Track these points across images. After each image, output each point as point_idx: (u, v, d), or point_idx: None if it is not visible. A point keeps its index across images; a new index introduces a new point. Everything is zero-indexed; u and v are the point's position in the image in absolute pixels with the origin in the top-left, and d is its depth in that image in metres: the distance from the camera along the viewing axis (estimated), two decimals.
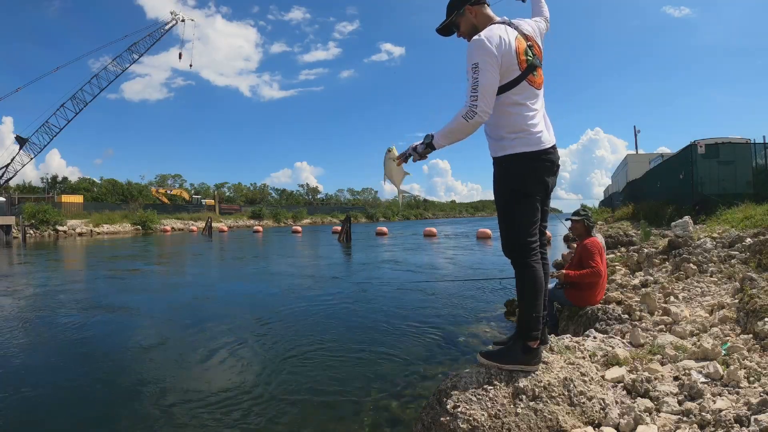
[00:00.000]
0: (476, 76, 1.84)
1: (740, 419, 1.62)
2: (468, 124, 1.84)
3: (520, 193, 1.97)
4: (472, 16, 2.06)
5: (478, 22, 2.05)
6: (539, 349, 2.00)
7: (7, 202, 26.56)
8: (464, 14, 2.06)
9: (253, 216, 55.32)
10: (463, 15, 2.06)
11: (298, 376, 3.57)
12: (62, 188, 52.19)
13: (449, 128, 1.90)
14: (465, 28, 2.08)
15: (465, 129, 1.86)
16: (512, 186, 1.99)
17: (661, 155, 20.57)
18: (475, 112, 1.81)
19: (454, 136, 1.91)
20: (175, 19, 42.07)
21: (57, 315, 5.89)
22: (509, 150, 1.97)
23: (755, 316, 2.60)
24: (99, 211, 39.86)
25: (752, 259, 4.03)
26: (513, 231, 1.99)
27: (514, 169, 1.98)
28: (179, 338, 4.78)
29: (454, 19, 2.08)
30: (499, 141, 2.00)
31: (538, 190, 1.99)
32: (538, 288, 1.96)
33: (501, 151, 2.00)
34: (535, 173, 1.97)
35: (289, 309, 6.13)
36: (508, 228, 2.01)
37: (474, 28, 2.04)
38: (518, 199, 1.98)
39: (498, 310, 5.68)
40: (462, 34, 2.12)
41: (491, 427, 1.75)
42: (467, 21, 2.07)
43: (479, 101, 1.82)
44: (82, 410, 3.04)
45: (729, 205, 8.43)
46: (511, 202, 2.00)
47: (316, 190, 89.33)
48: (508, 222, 2.01)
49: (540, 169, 1.98)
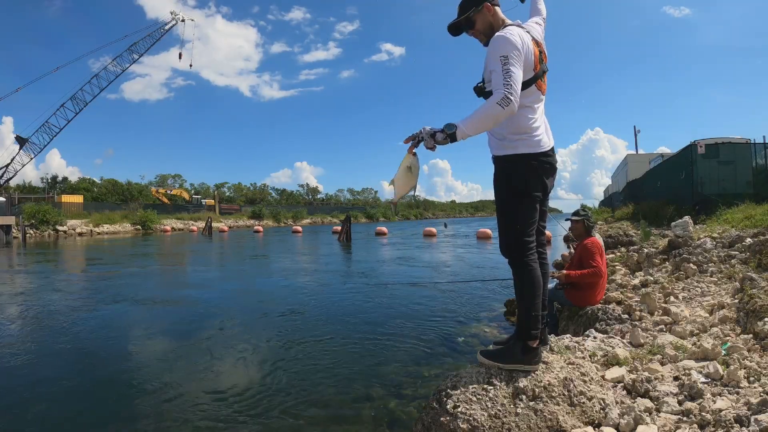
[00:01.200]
0: (507, 67, 1.80)
1: (740, 419, 1.61)
2: (503, 111, 1.77)
3: (520, 193, 1.98)
4: (490, 14, 2.03)
5: (494, 21, 2.04)
6: (539, 349, 2.00)
7: (7, 202, 26.52)
8: (482, 11, 2.02)
9: (253, 216, 55.30)
10: (480, 12, 2.02)
11: (297, 376, 3.57)
12: (62, 188, 52.22)
13: (480, 116, 1.81)
14: (481, 25, 2.05)
15: (498, 117, 1.79)
16: (513, 185, 1.99)
17: (661, 155, 20.55)
18: (511, 100, 1.76)
19: (484, 124, 1.83)
20: (175, 19, 42.07)
21: (67, 315, 5.90)
22: (510, 150, 1.98)
23: (755, 316, 2.60)
24: (99, 211, 39.86)
25: (752, 259, 4.03)
26: (512, 230, 1.99)
27: (514, 168, 1.99)
28: (179, 338, 4.78)
29: (471, 15, 2.03)
30: (501, 140, 2.01)
31: (538, 190, 2.00)
32: (536, 287, 1.97)
33: (503, 150, 2.01)
34: (534, 173, 1.98)
35: (288, 309, 6.13)
36: (507, 226, 2.01)
37: (490, 26, 2.03)
38: (519, 198, 1.99)
39: (498, 310, 5.68)
40: (475, 33, 2.08)
41: (491, 427, 1.75)
42: (484, 19, 2.04)
43: (513, 89, 1.77)
44: (82, 410, 3.04)
45: (729, 205, 8.42)
46: (510, 201, 2.01)
47: (316, 190, 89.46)
48: (508, 220, 2.01)
49: (539, 170, 1.99)
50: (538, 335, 1.99)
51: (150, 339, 4.81)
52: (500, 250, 2.07)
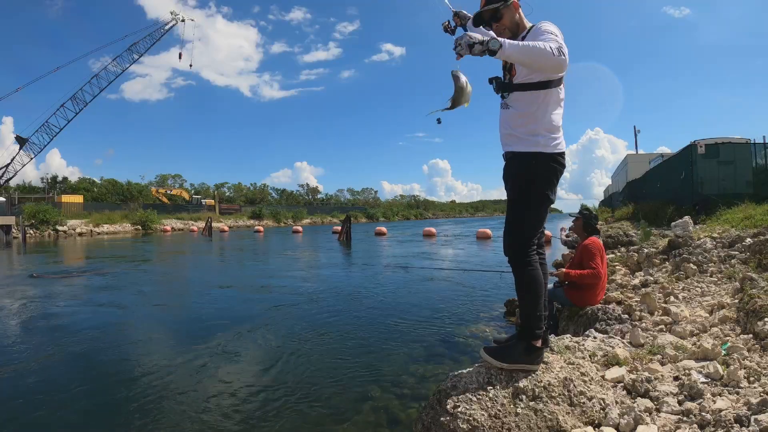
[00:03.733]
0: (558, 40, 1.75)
1: (740, 419, 1.61)
2: (554, 57, 1.67)
3: (539, 194, 1.95)
4: (517, 12, 2.03)
5: (520, 20, 2.05)
6: (542, 349, 2.00)
7: (7, 202, 26.53)
8: (510, 7, 2.02)
9: (253, 216, 55.28)
10: (509, 7, 2.02)
11: (297, 376, 3.57)
12: (62, 188, 52.19)
13: (530, 48, 1.68)
14: (509, 21, 2.03)
15: (547, 60, 1.68)
16: (535, 185, 1.94)
17: (661, 155, 20.55)
18: (564, 54, 1.69)
19: (532, 57, 1.69)
20: (175, 19, 42.04)
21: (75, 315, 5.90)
22: (541, 148, 1.92)
23: (755, 316, 2.60)
24: (99, 211, 39.85)
25: (752, 259, 4.03)
26: (522, 231, 1.97)
27: (540, 168, 1.93)
28: (178, 338, 4.78)
29: (500, 8, 2.00)
30: (533, 136, 1.92)
31: (554, 192, 1.98)
32: (538, 286, 1.97)
33: (532, 147, 1.92)
34: (555, 175, 1.96)
35: (288, 309, 6.13)
36: (517, 227, 1.98)
37: (517, 24, 2.03)
38: (538, 199, 1.96)
39: (498, 310, 5.69)
40: (500, 27, 2.04)
41: (491, 427, 1.75)
42: (512, 15, 2.03)
43: (564, 50, 1.71)
44: (84, 411, 3.04)
45: (729, 205, 8.42)
46: (528, 202, 1.96)
47: (316, 190, 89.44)
48: (519, 221, 1.98)
49: (559, 172, 1.97)
50: (541, 334, 1.99)
51: (150, 339, 4.80)
52: (504, 249, 2.05)
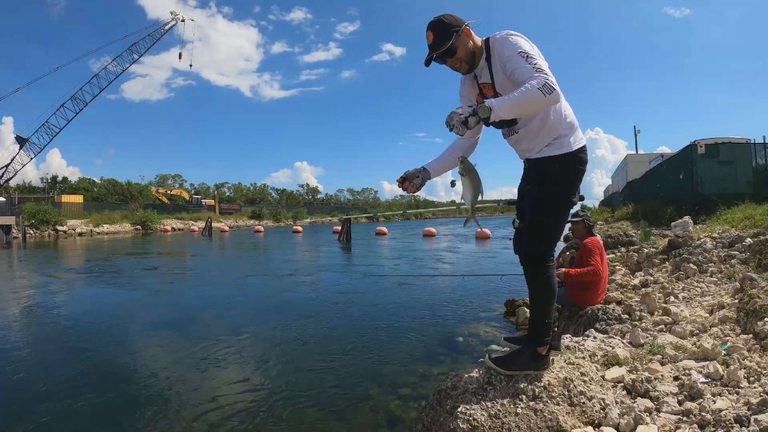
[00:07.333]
0: (533, 60, 1.64)
1: (740, 419, 1.61)
2: (545, 99, 1.59)
3: (563, 197, 1.88)
4: (470, 38, 1.83)
5: (474, 45, 1.84)
6: (548, 356, 1.98)
7: (8, 202, 26.46)
8: (462, 37, 1.79)
9: (253, 216, 55.25)
10: (461, 37, 1.79)
11: (297, 376, 3.57)
12: (62, 188, 52.20)
13: (519, 100, 1.59)
14: (463, 52, 1.83)
15: (539, 104, 1.62)
16: (558, 185, 1.86)
17: (661, 155, 20.53)
18: (554, 88, 1.58)
19: (522, 109, 1.64)
20: (175, 19, 42.06)
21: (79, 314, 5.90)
22: (566, 148, 1.84)
23: (755, 316, 2.60)
24: (99, 211, 39.81)
25: (752, 259, 4.03)
26: (545, 238, 1.90)
27: (569, 170, 1.86)
28: (177, 338, 4.77)
29: (453, 42, 1.78)
30: (557, 139, 1.85)
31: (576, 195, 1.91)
32: (552, 294, 1.94)
33: (557, 150, 1.84)
34: (579, 177, 1.89)
35: (287, 309, 6.13)
36: (541, 233, 1.89)
37: (472, 53, 1.84)
38: (562, 203, 1.88)
39: (498, 310, 5.68)
40: (456, 61, 1.84)
41: (491, 427, 1.75)
42: (466, 45, 1.82)
43: (550, 75, 1.60)
44: (84, 411, 3.04)
45: (729, 205, 8.42)
46: (556, 207, 1.88)
47: (316, 190, 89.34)
48: (545, 226, 1.89)
49: (582, 173, 1.90)
50: (548, 341, 1.96)
51: (150, 338, 4.80)
52: (521, 254, 1.97)
